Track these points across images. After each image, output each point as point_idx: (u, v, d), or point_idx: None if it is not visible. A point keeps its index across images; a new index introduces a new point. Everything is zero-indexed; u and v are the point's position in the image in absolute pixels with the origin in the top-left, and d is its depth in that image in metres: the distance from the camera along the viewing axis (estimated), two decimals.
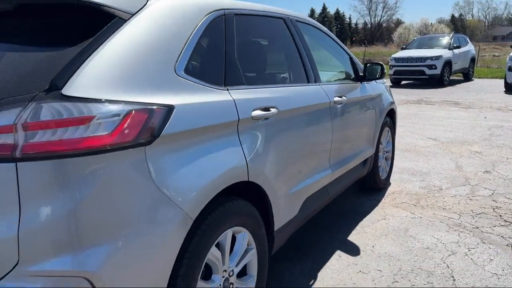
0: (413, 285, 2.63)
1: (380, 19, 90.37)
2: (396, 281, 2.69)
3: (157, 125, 1.57)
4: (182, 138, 1.68)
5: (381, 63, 3.66)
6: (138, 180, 1.52)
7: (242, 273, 2.16)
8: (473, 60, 16.89)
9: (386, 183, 4.49)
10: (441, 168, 5.11)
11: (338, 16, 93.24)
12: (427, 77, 14.27)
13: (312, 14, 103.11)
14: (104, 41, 1.58)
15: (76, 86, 1.43)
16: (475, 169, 5.02)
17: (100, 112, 1.43)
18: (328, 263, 2.93)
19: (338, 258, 3.00)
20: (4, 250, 1.34)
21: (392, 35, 65.68)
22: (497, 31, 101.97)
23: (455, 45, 15.12)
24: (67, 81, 1.43)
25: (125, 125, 1.47)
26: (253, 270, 2.19)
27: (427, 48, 15.16)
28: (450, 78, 15.10)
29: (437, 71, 14.00)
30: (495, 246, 3.13)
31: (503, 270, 2.81)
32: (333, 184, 3.14)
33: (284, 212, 2.42)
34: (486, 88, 13.59)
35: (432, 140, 6.56)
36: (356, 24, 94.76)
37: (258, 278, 2.21)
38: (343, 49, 3.63)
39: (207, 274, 1.89)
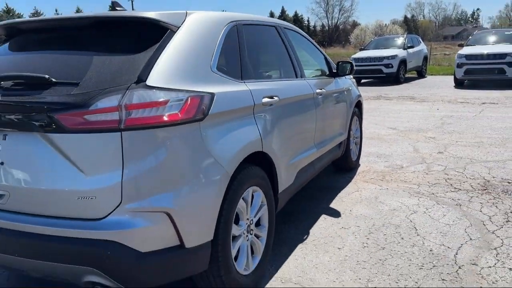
0: (385, 235, 3.35)
1: (337, 21, 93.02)
2: (371, 233, 3.40)
3: (206, 107, 2.19)
4: (220, 117, 2.31)
5: (351, 61, 4.38)
6: (196, 145, 2.14)
7: (257, 224, 2.80)
8: (425, 58, 18.18)
9: (357, 164, 5.24)
10: (401, 151, 5.93)
11: (297, 18, 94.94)
12: (384, 75, 15.33)
13: (271, 16, 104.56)
14: (165, 47, 2.19)
15: (154, 79, 2.03)
16: (430, 151, 5.87)
17: (171, 97, 2.04)
18: (316, 223, 3.62)
19: (324, 220, 3.69)
20: (112, 193, 1.93)
21: (349, 37, 67.79)
22: (447, 31, 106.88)
23: (409, 45, 16.28)
24: (148, 76, 2.03)
25: (187, 107, 2.08)
26: (265, 222, 2.84)
27: (384, 48, 16.24)
28: (405, 75, 16.25)
29: (394, 70, 15.09)
30: (447, 206, 3.91)
31: (453, 221, 3.57)
32: (317, 160, 3.83)
33: (284, 179, 3.08)
34: (438, 84, 14.79)
35: (392, 130, 7.40)
36: (314, 27, 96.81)
37: (268, 228, 2.86)
38: (319, 50, 4.34)
39: (236, 220, 2.51)
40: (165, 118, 2.00)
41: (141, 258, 1.96)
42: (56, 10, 77.21)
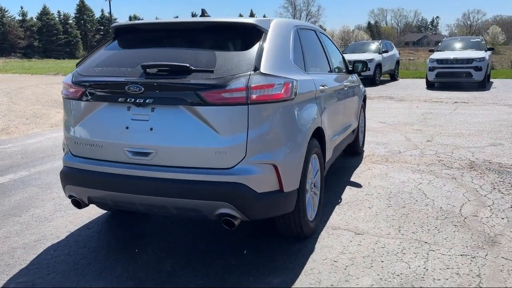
0: (402, 198, 4.20)
1: None
2: (391, 197, 4.24)
3: (295, 89, 2.96)
4: (301, 98, 3.08)
5: (365, 60, 5.24)
6: (291, 117, 2.91)
7: (314, 185, 3.58)
8: (398, 62, 19.48)
9: (362, 149, 6.12)
10: (396, 140, 6.86)
11: None
12: (362, 77, 16.36)
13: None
14: (263, 44, 2.94)
15: (264, 68, 2.78)
16: (419, 140, 6.82)
17: (276, 82, 2.80)
18: (344, 191, 4.44)
19: (350, 189, 4.52)
20: (240, 149, 2.66)
21: None
22: (409, 37, 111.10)
23: (383, 49, 17.47)
24: (260, 66, 2.78)
25: (285, 89, 2.85)
26: (318, 184, 3.62)
27: (361, 52, 17.36)
28: (380, 78, 17.43)
29: (371, 72, 16.18)
30: (445, 179, 4.82)
31: (452, 189, 4.47)
32: (341, 142, 4.65)
33: (328, 152, 3.88)
34: (411, 86, 16.01)
35: (382, 123, 8.35)
36: None
37: (320, 189, 3.64)
38: (338, 50, 5.17)
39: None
40: (274, 97, 2.76)
41: (258, 196, 2.71)
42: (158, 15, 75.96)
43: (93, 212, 3.99)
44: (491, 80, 16.42)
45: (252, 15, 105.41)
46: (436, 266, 2.91)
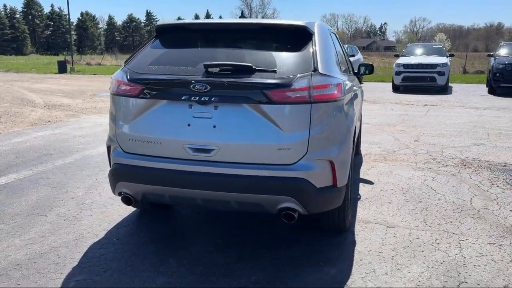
0: (415, 194, 4.47)
1: None
2: (405, 193, 4.51)
3: (344, 89, 3.13)
4: (346, 97, 3.25)
5: (371, 63, 5.50)
6: (342, 115, 3.07)
7: None
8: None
9: (360, 148, 6.40)
10: (386, 140, 7.20)
11: None
12: None
13: (196, 19, 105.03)
14: (315, 46, 3.08)
15: (321, 69, 2.93)
16: (407, 140, 7.20)
17: (331, 82, 2.95)
18: (360, 189, 4.66)
19: (364, 186, 4.74)
20: (302, 146, 2.80)
21: None
22: (359, 42, 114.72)
23: (350, 54, 18.03)
24: (317, 67, 2.92)
25: (338, 88, 3.01)
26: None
27: None
28: None
29: None
30: (446, 175, 5.15)
31: (457, 184, 4.80)
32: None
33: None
34: (378, 89, 16.65)
35: (366, 124, 8.70)
36: None
37: (351, 185, 3.83)
38: (347, 53, 5.40)
39: None
40: (330, 96, 2.91)
41: (317, 191, 2.85)
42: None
43: (121, 210, 3.97)
44: (450, 84, 17.38)
45: (208, 15, 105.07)
46: (472, 254, 3.17)
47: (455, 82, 18.98)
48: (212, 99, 2.80)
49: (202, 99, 2.81)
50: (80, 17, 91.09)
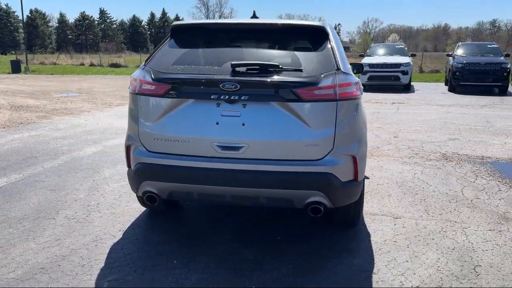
0: (410, 186, 4.71)
1: None
2: (401, 186, 4.74)
3: (360, 87, 3.28)
4: (360, 96, 3.41)
5: (362, 63, 5.71)
6: (361, 112, 3.21)
7: None
8: None
9: None
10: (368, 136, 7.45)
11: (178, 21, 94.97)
12: None
13: (152, 18, 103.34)
14: (332, 45, 3.21)
15: (342, 68, 3.06)
16: (387, 137, 7.50)
17: (353, 80, 3.09)
18: None
19: None
20: (329, 142, 2.92)
21: None
22: None
23: None
24: (339, 66, 3.05)
25: (357, 87, 3.15)
26: None
27: None
28: None
29: None
30: (433, 169, 5.44)
31: (445, 177, 5.09)
32: None
33: None
34: None
35: None
36: None
37: None
38: None
39: None
40: (352, 94, 3.05)
41: (342, 185, 2.99)
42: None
43: (130, 211, 3.96)
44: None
45: (164, 14, 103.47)
46: (477, 240, 3.41)
47: (415, 81, 19.76)
48: (242, 98, 2.87)
49: (232, 97, 2.88)
50: (30, 15, 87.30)
